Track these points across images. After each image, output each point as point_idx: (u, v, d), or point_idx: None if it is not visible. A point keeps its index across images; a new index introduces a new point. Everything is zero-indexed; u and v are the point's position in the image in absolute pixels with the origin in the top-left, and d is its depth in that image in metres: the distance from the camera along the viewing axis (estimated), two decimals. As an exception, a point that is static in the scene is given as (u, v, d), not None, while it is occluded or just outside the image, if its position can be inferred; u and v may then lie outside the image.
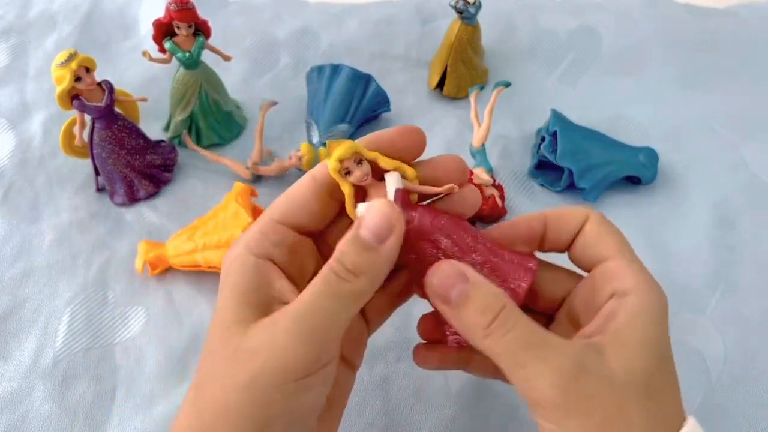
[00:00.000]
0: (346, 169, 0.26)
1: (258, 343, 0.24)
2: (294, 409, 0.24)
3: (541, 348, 0.24)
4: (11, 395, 0.39)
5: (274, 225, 0.27)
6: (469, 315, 0.24)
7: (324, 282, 0.24)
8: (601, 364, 0.24)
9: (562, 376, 0.23)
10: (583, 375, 0.23)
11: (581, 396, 0.23)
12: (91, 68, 0.44)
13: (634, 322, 0.25)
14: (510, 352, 0.24)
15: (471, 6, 0.52)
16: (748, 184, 0.51)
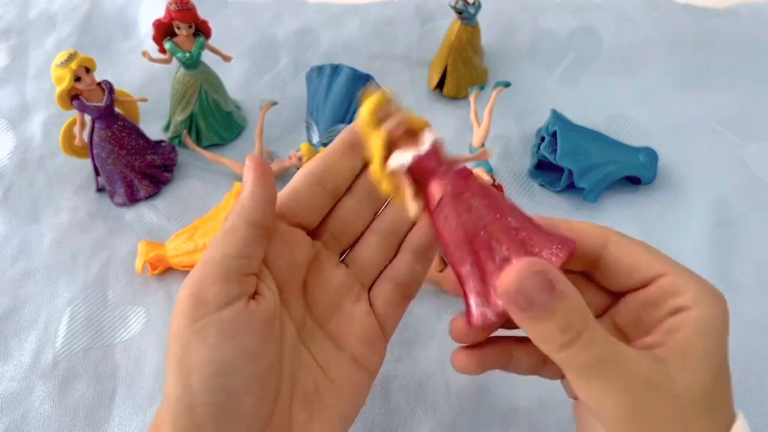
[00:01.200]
0: (378, 120, 0.24)
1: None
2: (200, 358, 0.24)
3: (612, 365, 0.23)
4: (11, 395, 0.39)
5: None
6: (549, 330, 0.23)
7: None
8: (667, 379, 0.24)
9: (629, 394, 0.23)
10: (651, 391, 0.23)
11: (647, 412, 0.23)
12: (91, 68, 0.44)
13: (697, 338, 0.25)
14: (581, 367, 0.23)
15: (471, 6, 0.52)
16: (748, 184, 0.51)
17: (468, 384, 0.40)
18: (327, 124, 0.51)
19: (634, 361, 0.23)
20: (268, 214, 0.26)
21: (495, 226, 0.24)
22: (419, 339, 0.42)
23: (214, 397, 0.24)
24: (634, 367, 0.23)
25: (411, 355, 0.41)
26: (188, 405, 0.24)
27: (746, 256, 0.46)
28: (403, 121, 0.24)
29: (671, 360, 0.24)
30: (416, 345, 0.42)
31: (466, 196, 0.24)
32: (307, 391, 0.27)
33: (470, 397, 0.39)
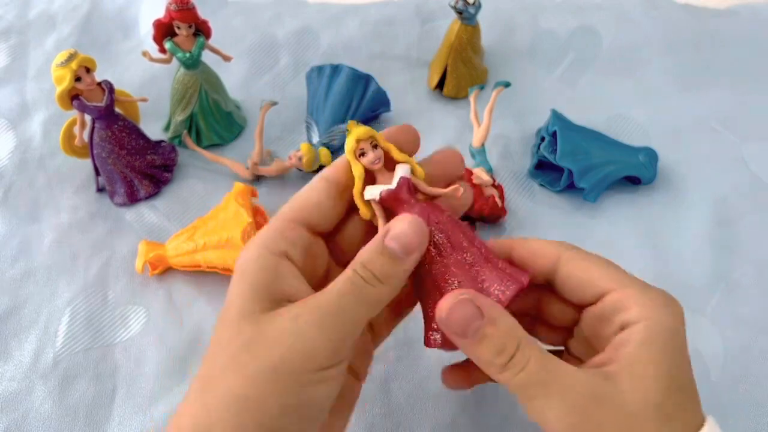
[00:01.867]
0: (361, 150, 0.28)
1: (279, 332, 0.24)
2: (308, 401, 0.24)
3: (551, 383, 0.24)
4: (11, 395, 0.39)
5: (290, 224, 0.28)
6: (485, 353, 0.25)
7: (351, 283, 0.25)
8: (612, 393, 0.24)
9: (571, 410, 0.24)
10: (594, 406, 0.24)
11: (591, 427, 0.24)
12: (91, 68, 0.44)
13: (642, 351, 0.25)
14: (522, 387, 0.25)
15: (471, 6, 0.52)
16: (748, 184, 0.51)
17: (468, 384, 0.40)
18: (327, 124, 0.51)
19: (574, 379, 0.24)
20: None
21: (451, 260, 0.27)
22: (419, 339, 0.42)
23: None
24: (574, 384, 0.24)
25: (411, 355, 0.41)
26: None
27: (746, 256, 0.46)
28: (380, 156, 0.28)
29: (619, 375, 0.25)
30: (416, 345, 0.42)
31: (430, 230, 0.27)
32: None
33: (470, 397, 0.39)
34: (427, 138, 0.53)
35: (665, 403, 0.24)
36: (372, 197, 0.28)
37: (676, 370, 0.25)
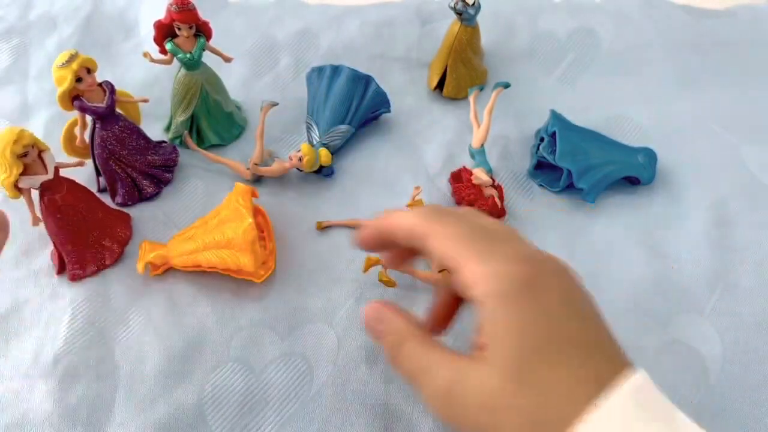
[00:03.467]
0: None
1: None
2: None
3: (422, 374, 0.28)
4: (12, 394, 0.39)
5: None
6: (385, 348, 0.30)
7: None
8: (474, 372, 0.26)
9: (438, 395, 0.27)
10: (457, 387, 0.26)
11: (458, 407, 0.26)
12: (92, 69, 0.44)
13: (489, 323, 0.26)
14: (409, 377, 0.29)
15: (470, 7, 0.52)
16: (747, 184, 0.51)
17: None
18: (327, 124, 0.51)
19: (437, 367, 0.27)
20: None
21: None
22: (419, 339, 0.42)
23: None
24: (437, 372, 0.27)
25: (411, 354, 0.41)
26: None
27: (745, 257, 0.46)
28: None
29: (480, 353, 0.26)
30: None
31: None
32: None
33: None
34: (427, 138, 0.54)
35: (525, 369, 0.25)
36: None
37: (532, 328, 0.25)
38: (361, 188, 0.50)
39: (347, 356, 0.41)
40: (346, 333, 0.42)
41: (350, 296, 0.44)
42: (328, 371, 0.40)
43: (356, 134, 0.53)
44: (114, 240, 0.46)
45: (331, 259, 0.46)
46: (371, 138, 0.54)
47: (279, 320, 0.43)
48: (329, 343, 0.42)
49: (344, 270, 0.45)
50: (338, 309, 0.43)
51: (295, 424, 0.39)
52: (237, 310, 0.43)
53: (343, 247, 0.46)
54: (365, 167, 0.52)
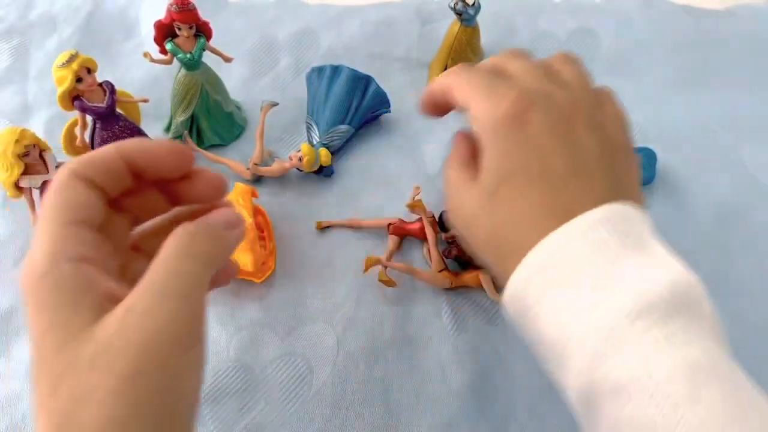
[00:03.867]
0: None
1: (121, 332, 0.21)
2: (184, 391, 0.22)
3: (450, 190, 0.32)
4: (12, 395, 0.39)
5: (73, 229, 0.24)
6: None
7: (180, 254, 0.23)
8: (469, 191, 0.30)
9: (451, 210, 0.32)
10: (459, 204, 0.30)
11: (458, 221, 0.31)
12: (92, 69, 0.44)
13: (484, 148, 0.29)
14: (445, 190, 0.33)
15: (470, 7, 0.52)
16: (747, 184, 0.51)
17: (468, 384, 0.40)
18: (327, 124, 0.51)
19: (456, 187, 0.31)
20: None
21: None
22: (419, 339, 0.42)
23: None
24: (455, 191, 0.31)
25: (411, 355, 0.41)
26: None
27: (746, 257, 0.46)
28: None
29: (477, 175, 0.30)
30: (416, 345, 0.42)
31: None
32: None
33: (470, 397, 0.39)
34: (427, 138, 0.54)
35: (499, 188, 0.28)
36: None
37: (513, 156, 0.28)
38: (361, 188, 0.50)
39: (347, 356, 0.41)
40: (346, 333, 0.42)
41: (350, 296, 0.44)
42: (328, 371, 0.40)
43: (356, 134, 0.53)
44: None
45: (330, 259, 0.46)
46: (371, 138, 0.54)
47: (279, 320, 0.43)
48: (329, 343, 0.42)
49: (344, 270, 0.45)
50: (338, 309, 0.43)
51: (295, 424, 0.39)
52: (237, 310, 0.43)
53: (342, 247, 0.46)
54: (365, 167, 0.52)
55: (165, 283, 0.22)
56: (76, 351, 0.21)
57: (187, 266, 0.23)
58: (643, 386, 0.23)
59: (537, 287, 0.26)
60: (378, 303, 0.43)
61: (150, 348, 0.21)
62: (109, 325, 0.21)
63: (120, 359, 0.20)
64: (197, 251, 0.23)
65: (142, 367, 0.21)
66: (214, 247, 0.24)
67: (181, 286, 0.22)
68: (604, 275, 0.25)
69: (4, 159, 0.39)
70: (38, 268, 0.23)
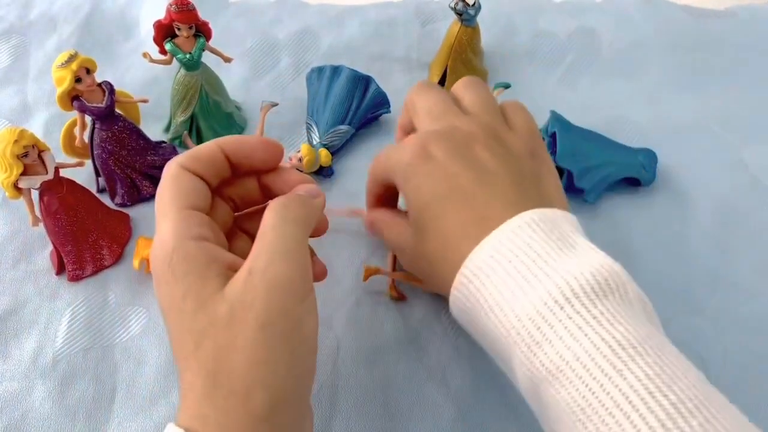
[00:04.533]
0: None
1: (248, 290, 0.26)
2: (306, 335, 0.27)
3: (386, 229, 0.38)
4: (11, 395, 0.39)
5: (188, 212, 0.29)
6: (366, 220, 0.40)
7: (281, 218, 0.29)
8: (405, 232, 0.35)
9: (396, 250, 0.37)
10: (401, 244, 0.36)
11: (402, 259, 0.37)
12: (91, 69, 0.44)
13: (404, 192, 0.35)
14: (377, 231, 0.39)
15: (470, 7, 0.52)
16: (748, 185, 0.51)
17: (468, 384, 0.40)
18: (327, 125, 0.51)
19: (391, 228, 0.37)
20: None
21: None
22: (419, 340, 0.42)
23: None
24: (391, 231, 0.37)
25: (411, 355, 0.41)
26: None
27: (746, 257, 0.46)
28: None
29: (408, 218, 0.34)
30: (416, 346, 0.42)
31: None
32: None
33: (470, 397, 0.39)
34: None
35: (420, 220, 0.32)
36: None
37: (423, 188, 0.31)
38: (361, 188, 0.50)
39: (347, 357, 0.41)
40: (345, 333, 0.42)
41: (350, 297, 0.44)
42: (328, 372, 0.40)
43: (356, 134, 0.53)
44: (113, 240, 0.46)
45: (330, 259, 0.46)
46: (371, 138, 0.54)
47: (279, 321, 0.43)
48: (329, 344, 0.42)
49: (344, 271, 0.45)
50: (338, 310, 0.43)
51: (295, 424, 0.39)
52: (237, 310, 0.43)
53: (342, 247, 0.46)
54: (365, 167, 0.51)
55: (274, 245, 0.27)
56: (213, 311, 0.25)
57: (288, 228, 0.27)
58: (572, 368, 0.25)
59: (474, 292, 0.28)
60: (378, 304, 0.43)
61: (273, 300, 0.25)
62: (236, 287, 0.26)
63: (251, 313, 0.25)
64: (293, 215, 0.28)
65: (269, 316, 0.25)
66: (306, 211, 0.29)
67: (287, 245, 0.27)
68: (534, 271, 0.27)
69: (3, 159, 0.39)
70: (168, 246, 0.27)
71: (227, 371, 0.25)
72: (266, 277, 0.26)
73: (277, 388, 0.25)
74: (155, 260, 0.28)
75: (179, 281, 0.26)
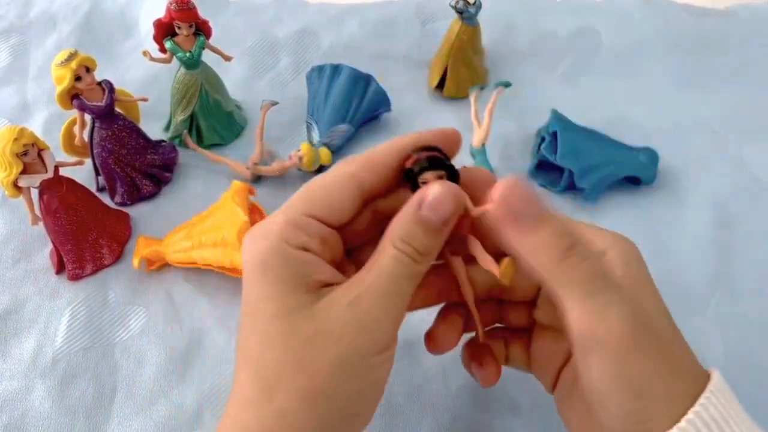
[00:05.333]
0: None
1: (341, 322, 0.24)
2: (375, 382, 0.25)
3: (611, 279, 0.24)
4: (11, 394, 0.39)
5: (306, 219, 0.26)
6: (545, 237, 0.24)
7: (397, 262, 0.25)
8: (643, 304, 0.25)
9: (632, 308, 0.23)
10: (642, 309, 0.24)
11: (644, 329, 0.24)
12: (91, 68, 0.44)
13: (629, 270, 0.26)
14: (584, 279, 0.24)
15: (471, 6, 0.52)
16: (748, 184, 0.51)
17: (468, 384, 0.40)
18: (327, 124, 0.51)
19: (627, 287, 0.25)
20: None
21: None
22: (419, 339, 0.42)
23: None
24: (629, 292, 0.24)
25: (411, 355, 0.41)
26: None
27: (746, 257, 0.46)
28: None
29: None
30: (416, 345, 0.42)
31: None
32: None
33: (470, 397, 0.39)
34: (428, 138, 0.54)
35: (667, 315, 0.26)
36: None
37: (655, 287, 0.26)
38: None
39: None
40: (346, 333, 0.42)
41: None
42: (328, 371, 0.40)
43: (356, 134, 0.53)
44: (113, 239, 0.46)
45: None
46: (371, 138, 0.54)
47: (279, 320, 0.43)
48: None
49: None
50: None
51: (295, 424, 0.38)
52: (236, 309, 0.43)
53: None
54: (365, 167, 0.52)
55: (385, 296, 0.25)
56: (293, 325, 0.24)
57: (401, 283, 0.25)
58: None
59: None
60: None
61: (359, 343, 0.24)
62: (331, 313, 0.24)
63: (335, 346, 0.24)
64: (413, 271, 0.25)
65: (350, 356, 0.24)
66: (421, 267, 0.26)
67: (396, 301, 0.25)
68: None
69: (3, 158, 0.39)
70: (268, 243, 0.25)
71: (286, 390, 0.24)
72: (363, 319, 0.24)
73: (327, 420, 0.24)
74: (249, 250, 0.26)
75: (266, 281, 0.25)
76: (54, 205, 0.43)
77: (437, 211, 0.25)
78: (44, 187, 0.42)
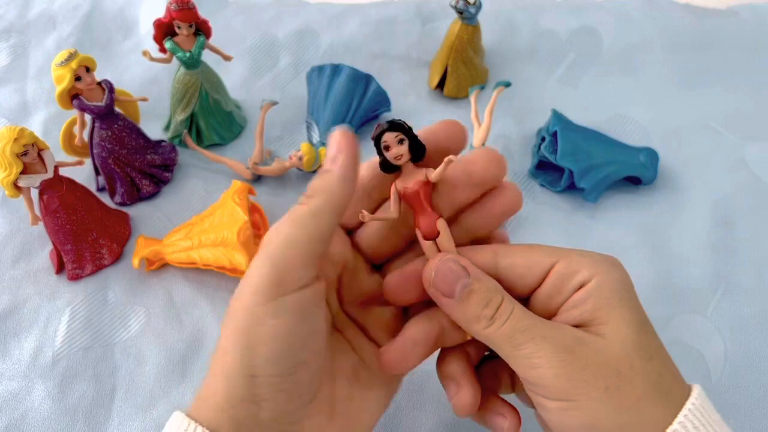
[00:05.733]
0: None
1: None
2: (272, 334, 0.24)
3: (537, 328, 0.25)
4: (11, 394, 0.39)
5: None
6: (471, 308, 0.26)
7: (286, 213, 0.26)
8: (593, 337, 0.25)
9: (560, 350, 0.24)
10: (580, 347, 0.25)
11: (581, 365, 0.24)
12: (91, 68, 0.44)
13: (606, 298, 0.26)
14: (508, 337, 0.26)
15: (471, 6, 0.52)
16: (748, 184, 0.51)
17: (468, 384, 0.40)
18: (327, 123, 0.51)
19: (555, 325, 0.26)
20: (349, 201, 0.26)
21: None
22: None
23: (280, 368, 0.25)
24: (557, 329, 0.25)
25: (411, 355, 0.41)
26: (249, 375, 0.24)
27: (746, 257, 0.46)
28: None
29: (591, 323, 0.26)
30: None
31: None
32: (346, 370, 0.29)
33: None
34: (428, 138, 0.54)
35: (644, 342, 0.25)
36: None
37: (643, 316, 0.26)
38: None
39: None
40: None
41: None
42: (328, 371, 0.40)
43: (357, 133, 0.53)
44: (113, 239, 0.46)
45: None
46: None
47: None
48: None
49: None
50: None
51: (295, 424, 0.38)
52: (237, 310, 0.43)
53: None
54: (365, 167, 0.52)
55: (264, 245, 0.25)
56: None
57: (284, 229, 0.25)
58: None
59: None
60: (378, 303, 0.43)
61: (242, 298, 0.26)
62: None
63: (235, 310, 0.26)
64: (296, 214, 0.25)
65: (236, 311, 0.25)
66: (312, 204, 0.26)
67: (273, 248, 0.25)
68: None
69: (3, 158, 0.39)
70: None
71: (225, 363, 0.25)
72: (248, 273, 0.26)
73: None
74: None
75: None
76: (54, 205, 0.43)
77: (328, 157, 0.26)
78: (44, 187, 0.42)
